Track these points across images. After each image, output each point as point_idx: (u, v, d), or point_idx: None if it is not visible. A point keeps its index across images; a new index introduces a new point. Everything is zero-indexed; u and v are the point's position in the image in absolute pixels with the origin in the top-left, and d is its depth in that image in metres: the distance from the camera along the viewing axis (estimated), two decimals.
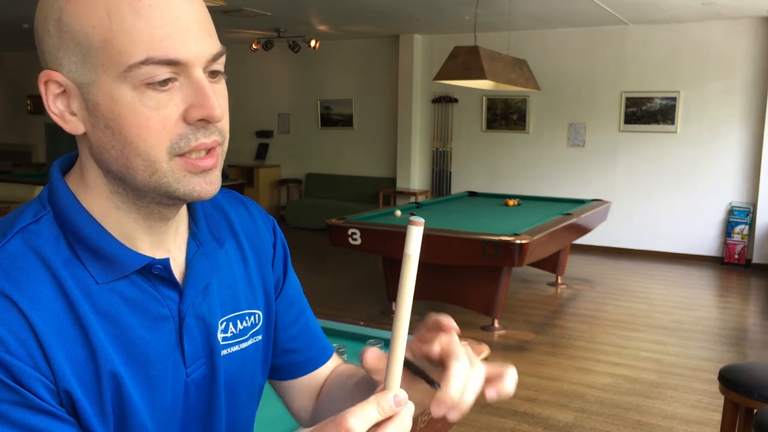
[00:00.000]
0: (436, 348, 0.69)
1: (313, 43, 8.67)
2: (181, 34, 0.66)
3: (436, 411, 0.65)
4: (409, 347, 0.70)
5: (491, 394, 0.69)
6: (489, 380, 0.69)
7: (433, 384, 0.66)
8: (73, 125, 0.70)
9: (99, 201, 0.73)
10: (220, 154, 0.72)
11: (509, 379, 0.69)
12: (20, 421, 0.63)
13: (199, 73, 0.68)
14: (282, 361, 0.95)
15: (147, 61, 0.65)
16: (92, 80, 0.67)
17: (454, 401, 0.65)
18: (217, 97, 0.70)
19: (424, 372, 0.68)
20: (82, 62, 0.67)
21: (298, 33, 8.83)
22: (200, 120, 0.68)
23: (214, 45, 0.70)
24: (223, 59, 0.71)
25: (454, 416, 0.65)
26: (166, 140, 0.68)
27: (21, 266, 0.67)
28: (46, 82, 0.69)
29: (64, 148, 5.72)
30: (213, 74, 0.71)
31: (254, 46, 8.92)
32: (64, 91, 0.69)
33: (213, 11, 7.10)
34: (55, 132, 11.18)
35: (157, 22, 0.65)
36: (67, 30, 0.66)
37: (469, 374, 0.66)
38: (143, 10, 0.65)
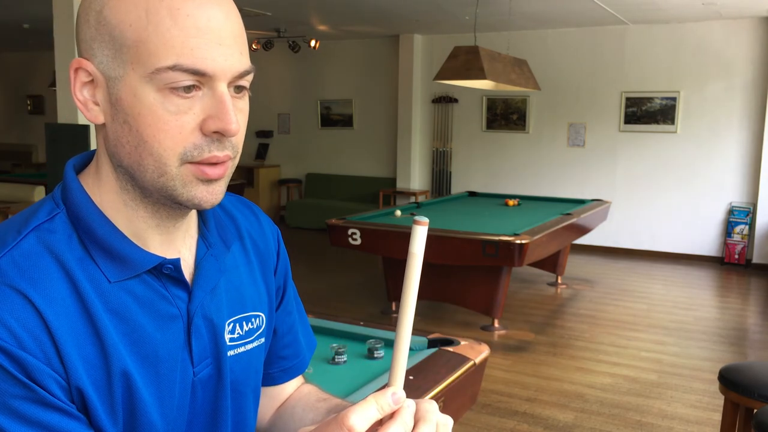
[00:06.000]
0: None
1: (313, 43, 8.67)
2: (212, 47, 0.68)
3: None
4: None
5: None
6: None
7: None
8: (95, 114, 0.72)
9: (110, 196, 0.74)
10: (230, 167, 0.73)
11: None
12: (32, 417, 0.64)
13: (223, 88, 0.69)
14: (274, 368, 0.97)
15: (175, 68, 0.66)
16: (120, 75, 0.68)
17: None
18: (237, 113, 0.71)
19: None
20: (113, 56, 0.68)
21: (298, 33, 8.83)
22: (215, 132, 0.69)
23: (243, 62, 0.71)
24: (250, 77, 0.73)
25: None
26: (180, 146, 0.69)
27: (35, 264, 0.68)
28: (76, 69, 0.71)
29: (65, 149, 5.71)
30: (238, 89, 0.72)
31: (254, 46, 8.92)
32: (92, 81, 0.71)
33: None
34: (55, 132, 11.15)
35: (191, 32, 0.66)
36: (105, 23, 0.68)
37: None
38: (180, 18, 0.66)
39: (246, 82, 0.73)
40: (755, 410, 2.53)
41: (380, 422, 0.62)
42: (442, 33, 9.00)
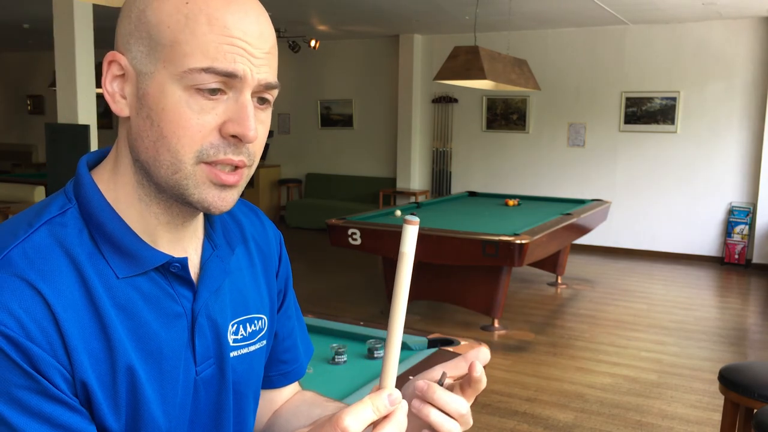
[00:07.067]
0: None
1: (313, 43, 8.67)
2: (244, 55, 0.70)
3: None
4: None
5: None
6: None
7: None
8: (121, 107, 0.74)
9: (126, 189, 0.76)
10: (245, 175, 0.75)
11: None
12: (34, 408, 0.64)
13: (247, 96, 0.71)
14: (273, 371, 0.98)
15: (208, 70, 0.69)
16: (151, 71, 0.71)
17: None
18: (258, 122, 0.73)
19: None
20: (147, 53, 0.71)
21: (298, 33, 8.83)
22: (233, 136, 0.71)
23: (270, 76, 0.73)
24: (275, 92, 0.75)
25: None
26: (197, 144, 0.70)
27: (46, 257, 0.69)
28: (110, 62, 0.73)
29: (64, 149, 5.71)
30: (261, 101, 0.74)
31: None
32: (123, 75, 0.73)
33: None
34: (55, 132, 11.14)
35: (226, 40, 0.69)
36: (146, 22, 0.71)
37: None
38: (218, 28, 0.69)
39: (270, 96, 0.75)
40: (755, 410, 2.53)
41: (374, 423, 0.62)
42: (442, 33, 9.00)
